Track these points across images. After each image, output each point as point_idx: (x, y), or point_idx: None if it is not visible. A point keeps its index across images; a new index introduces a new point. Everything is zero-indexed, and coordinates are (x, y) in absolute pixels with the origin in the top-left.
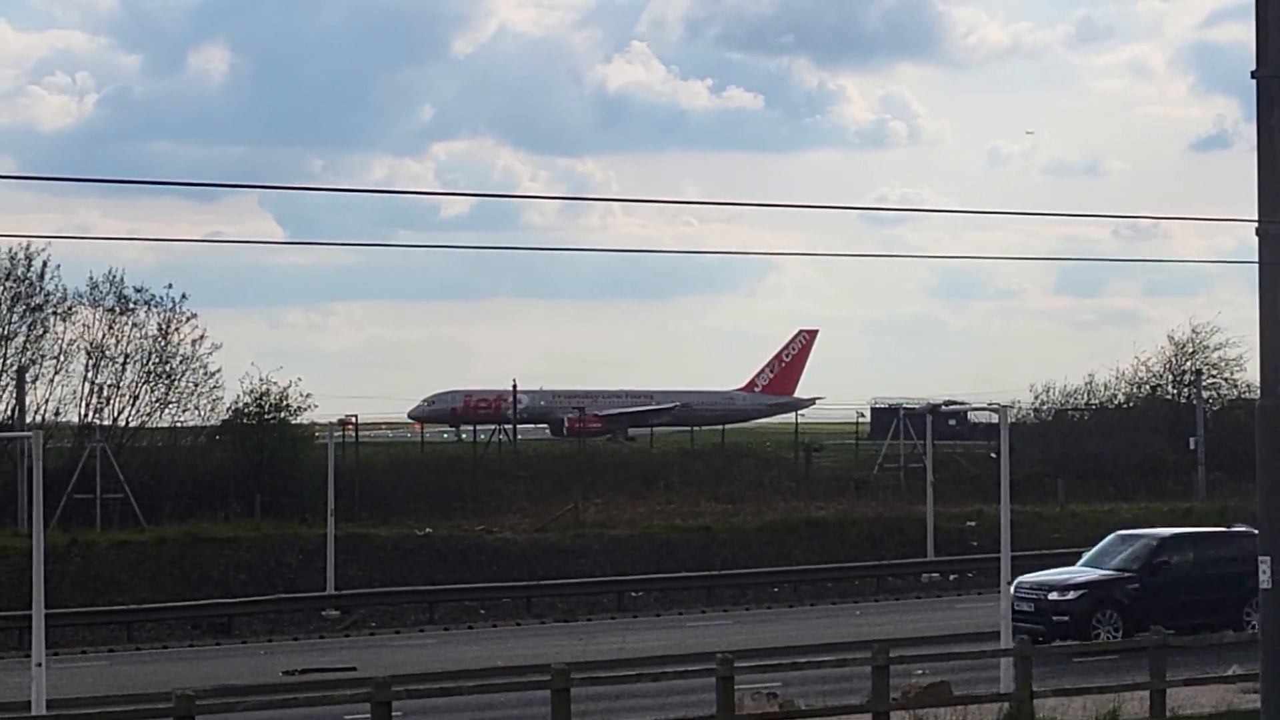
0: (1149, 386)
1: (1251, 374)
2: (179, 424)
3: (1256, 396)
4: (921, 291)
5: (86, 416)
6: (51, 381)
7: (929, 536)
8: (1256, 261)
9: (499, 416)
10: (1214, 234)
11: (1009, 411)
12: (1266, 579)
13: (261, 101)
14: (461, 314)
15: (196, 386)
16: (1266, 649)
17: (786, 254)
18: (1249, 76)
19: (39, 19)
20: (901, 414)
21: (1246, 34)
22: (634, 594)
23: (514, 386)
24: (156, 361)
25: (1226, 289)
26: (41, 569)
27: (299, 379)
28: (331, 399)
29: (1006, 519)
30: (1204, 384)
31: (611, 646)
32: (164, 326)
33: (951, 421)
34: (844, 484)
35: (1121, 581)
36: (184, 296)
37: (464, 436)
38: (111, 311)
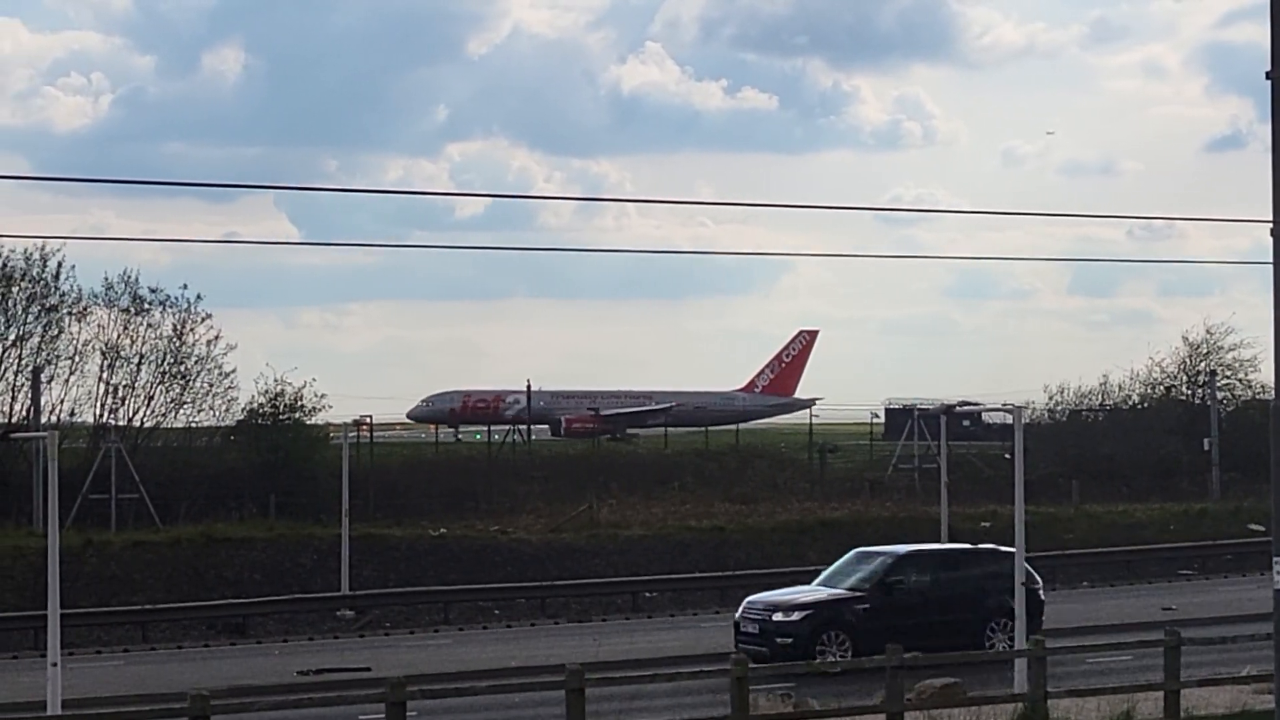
0: (1163, 387)
1: (1266, 375)
2: (194, 424)
3: (1271, 397)
4: (935, 292)
5: (101, 417)
6: (67, 382)
7: (943, 538)
8: (1271, 262)
9: (497, 417)
10: (1228, 234)
11: (1023, 412)
12: None
13: (276, 102)
14: (476, 314)
15: (211, 387)
16: None
17: (801, 255)
18: (1263, 77)
19: (53, 20)
20: (916, 415)
21: (1261, 34)
22: (648, 594)
23: (528, 387)
24: (171, 362)
25: (1241, 289)
26: (57, 569)
27: (314, 379)
28: (346, 399)
29: (1021, 520)
30: (1218, 385)
31: (625, 646)
32: (179, 327)
33: (966, 422)
34: (858, 485)
35: (851, 601)
36: (199, 297)
37: (460, 438)
38: (126, 312)
